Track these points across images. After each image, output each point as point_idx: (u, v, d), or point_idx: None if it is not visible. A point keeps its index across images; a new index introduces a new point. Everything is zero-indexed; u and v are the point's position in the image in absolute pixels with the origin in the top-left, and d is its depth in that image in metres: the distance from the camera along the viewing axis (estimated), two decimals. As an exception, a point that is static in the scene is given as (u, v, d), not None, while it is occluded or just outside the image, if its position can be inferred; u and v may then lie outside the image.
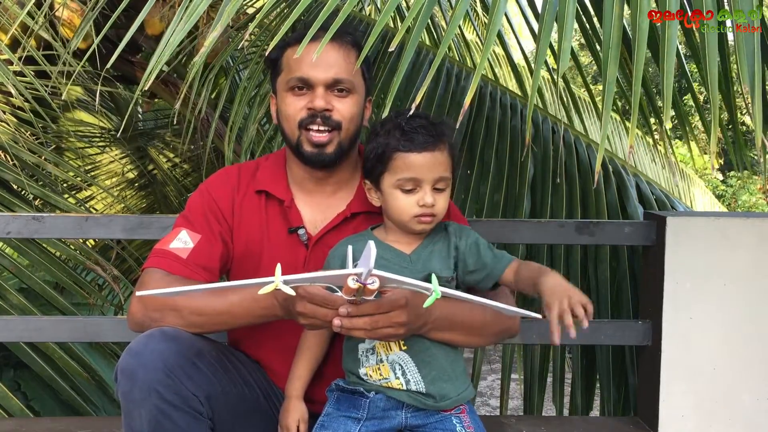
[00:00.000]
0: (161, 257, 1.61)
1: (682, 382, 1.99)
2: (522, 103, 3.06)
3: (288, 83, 1.62)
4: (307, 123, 1.61)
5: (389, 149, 1.49)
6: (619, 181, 2.71)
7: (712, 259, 1.99)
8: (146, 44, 3.75)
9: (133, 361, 1.41)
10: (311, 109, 1.60)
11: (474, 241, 1.56)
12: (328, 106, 1.60)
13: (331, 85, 1.60)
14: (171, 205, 4.67)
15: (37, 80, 2.58)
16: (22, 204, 2.57)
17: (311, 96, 1.60)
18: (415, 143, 1.48)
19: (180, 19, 1.30)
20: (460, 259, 1.55)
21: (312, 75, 1.59)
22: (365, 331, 1.38)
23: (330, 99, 1.61)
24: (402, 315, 1.39)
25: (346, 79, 1.61)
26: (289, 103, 1.63)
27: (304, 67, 1.60)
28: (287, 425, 1.56)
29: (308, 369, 1.60)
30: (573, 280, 2.44)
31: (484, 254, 1.55)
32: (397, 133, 1.49)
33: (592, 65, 10.27)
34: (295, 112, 1.62)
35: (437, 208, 1.50)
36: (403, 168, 1.48)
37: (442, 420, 1.51)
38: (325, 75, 1.59)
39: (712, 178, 11.03)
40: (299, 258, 1.66)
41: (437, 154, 1.49)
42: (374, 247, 1.26)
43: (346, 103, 1.62)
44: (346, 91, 1.62)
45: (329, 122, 1.60)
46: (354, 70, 1.62)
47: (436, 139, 1.50)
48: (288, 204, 1.69)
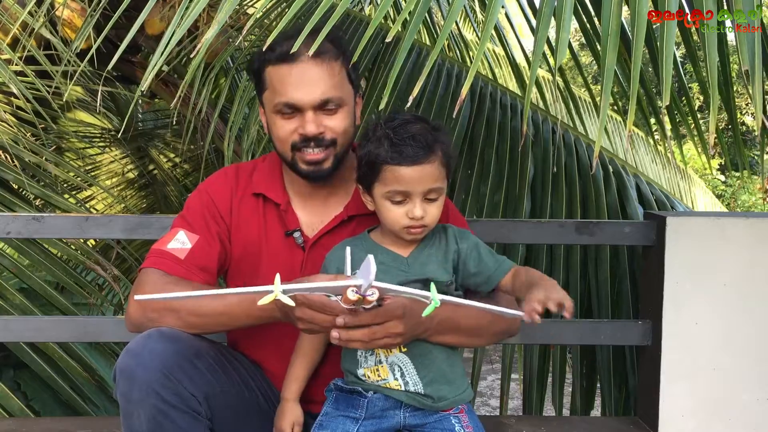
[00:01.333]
0: (159, 258, 1.60)
1: (682, 382, 1.99)
2: (522, 104, 3.06)
3: (275, 107, 1.59)
4: (300, 147, 1.59)
5: (378, 160, 1.45)
6: (619, 181, 2.71)
7: (712, 259, 1.99)
8: (146, 44, 3.75)
9: (131, 362, 1.41)
10: (303, 135, 1.57)
11: (475, 245, 1.55)
12: (319, 130, 1.57)
13: (319, 105, 1.56)
14: (171, 205, 4.67)
15: (39, 80, 2.58)
16: (22, 204, 2.57)
17: (301, 120, 1.57)
18: (404, 156, 1.43)
19: (180, 18, 1.29)
20: (461, 262, 1.53)
21: (299, 99, 1.55)
22: (363, 342, 1.38)
23: (321, 120, 1.57)
24: (399, 326, 1.40)
25: (334, 96, 1.57)
26: (279, 126, 1.60)
27: (290, 91, 1.55)
28: (282, 428, 1.57)
29: (305, 371, 1.59)
30: (573, 280, 2.44)
31: (485, 258, 1.53)
32: (386, 143, 1.45)
33: (592, 65, 10.27)
34: (286, 136, 1.59)
35: (427, 218, 1.47)
36: (392, 180, 1.45)
37: (440, 420, 1.50)
38: (312, 97, 1.55)
39: (712, 178, 11.03)
40: (296, 260, 1.66)
41: (427, 167, 1.45)
42: (374, 261, 1.25)
43: (337, 119, 1.59)
44: (335, 106, 1.58)
45: (323, 143, 1.58)
46: (340, 83, 1.58)
47: (426, 150, 1.45)
48: (284, 207, 1.68)
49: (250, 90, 2.98)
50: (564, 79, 3.02)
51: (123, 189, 4.83)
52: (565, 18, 1.22)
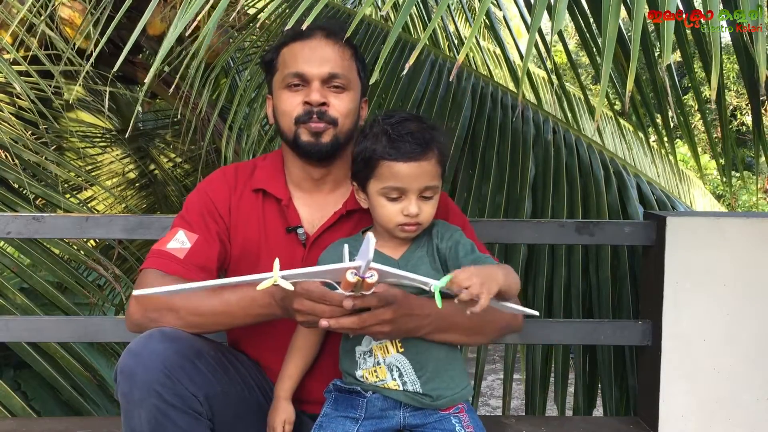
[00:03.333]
0: (158, 258, 1.61)
1: (682, 382, 1.99)
2: (523, 104, 3.06)
3: (284, 80, 1.63)
4: (303, 120, 1.61)
5: (375, 156, 1.46)
6: (620, 181, 2.72)
7: (712, 259, 1.99)
8: (147, 45, 3.76)
9: (132, 362, 1.42)
10: (307, 104, 1.60)
11: (455, 243, 1.52)
12: (323, 100, 1.60)
13: (326, 79, 1.60)
14: (172, 205, 4.67)
15: (41, 80, 2.58)
16: (23, 203, 2.57)
17: (307, 91, 1.61)
18: (401, 152, 1.44)
19: (180, 19, 1.30)
20: (443, 260, 1.53)
21: (307, 69, 1.60)
22: (352, 330, 1.40)
23: (326, 94, 1.61)
24: (387, 312, 1.39)
25: (342, 74, 1.61)
26: (284, 99, 1.63)
27: (300, 63, 1.61)
28: (273, 425, 1.58)
29: (298, 369, 1.60)
30: (574, 280, 2.44)
31: (462, 257, 1.51)
32: (384, 139, 1.46)
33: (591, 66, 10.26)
34: (291, 108, 1.62)
35: (422, 216, 1.48)
36: (389, 177, 1.46)
37: (441, 420, 1.50)
38: (320, 69, 1.60)
39: (712, 178, 11.03)
40: (297, 257, 1.66)
41: (424, 164, 1.46)
42: (373, 238, 1.25)
43: (342, 99, 1.62)
44: (342, 87, 1.62)
45: (325, 117, 1.60)
46: (349, 67, 1.63)
47: (423, 147, 1.46)
48: (286, 203, 1.69)
49: (250, 91, 2.99)
50: (561, 80, 3.03)
51: (123, 189, 4.83)
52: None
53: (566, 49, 2.84)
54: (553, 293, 2.46)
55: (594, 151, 2.87)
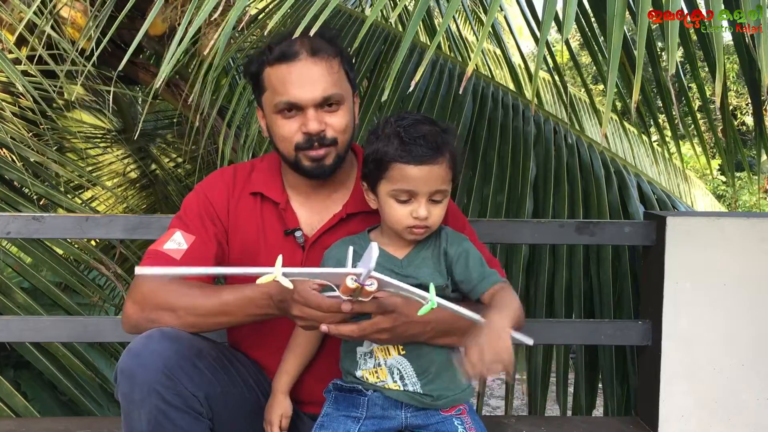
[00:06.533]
0: (154, 258, 1.60)
1: (682, 382, 1.99)
2: (524, 104, 3.07)
3: (276, 106, 1.59)
4: (304, 147, 1.59)
5: (387, 158, 1.45)
6: (621, 181, 2.72)
7: (712, 259, 1.99)
8: (148, 45, 3.76)
9: (132, 362, 1.42)
10: (306, 134, 1.57)
11: (464, 251, 1.52)
12: (321, 127, 1.57)
13: (321, 103, 1.57)
14: (173, 205, 4.66)
15: (44, 80, 2.58)
16: (25, 202, 2.57)
17: (303, 118, 1.57)
18: (413, 155, 1.43)
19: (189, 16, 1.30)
20: (449, 266, 1.52)
21: (300, 96, 1.56)
22: (351, 338, 1.42)
23: (322, 117, 1.57)
24: (386, 321, 1.40)
25: (335, 93, 1.57)
26: (281, 126, 1.60)
27: (291, 90, 1.56)
28: (270, 420, 1.59)
29: (296, 365, 1.61)
30: (576, 280, 2.44)
31: (471, 268, 1.51)
32: (396, 141, 1.45)
33: (592, 66, 10.26)
34: (290, 135, 1.59)
35: (431, 220, 1.47)
36: (399, 179, 1.45)
37: (443, 421, 1.50)
38: (313, 95, 1.56)
39: (713, 178, 11.02)
40: (296, 260, 1.66)
41: (435, 168, 1.45)
42: (377, 248, 1.25)
43: (338, 116, 1.59)
44: (336, 104, 1.59)
45: (325, 141, 1.58)
46: (339, 79, 1.59)
47: (435, 151, 1.45)
48: (283, 206, 1.68)
49: (250, 91, 2.98)
50: (563, 81, 3.03)
51: (125, 189, 4.83)
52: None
53: (570, 51, 2.84)
54: (554, 293, 2.46)
55: (595, 150, 2.87)
